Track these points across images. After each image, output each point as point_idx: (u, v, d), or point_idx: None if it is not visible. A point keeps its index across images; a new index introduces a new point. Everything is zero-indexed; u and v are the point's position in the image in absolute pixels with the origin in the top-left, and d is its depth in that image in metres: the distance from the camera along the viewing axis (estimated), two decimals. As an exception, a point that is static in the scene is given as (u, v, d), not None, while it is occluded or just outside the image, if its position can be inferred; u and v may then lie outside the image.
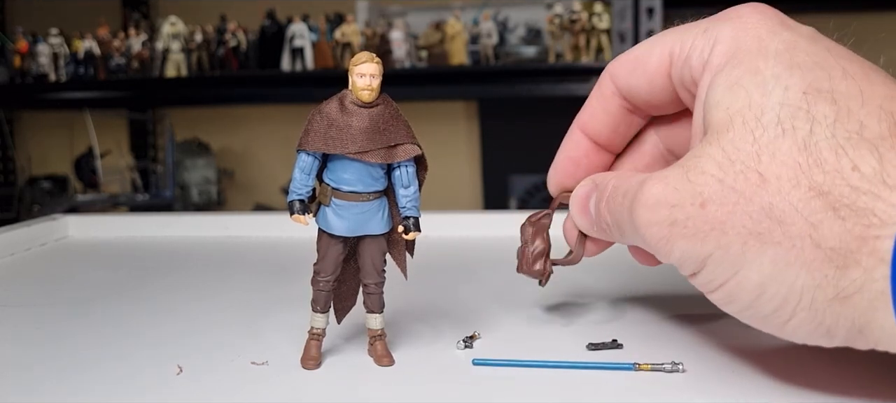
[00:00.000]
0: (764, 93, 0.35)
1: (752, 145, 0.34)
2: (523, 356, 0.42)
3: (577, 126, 0.47)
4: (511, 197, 2.40)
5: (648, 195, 0.37)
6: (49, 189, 2.45)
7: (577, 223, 0.45)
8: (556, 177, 0.48)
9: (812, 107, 0.34)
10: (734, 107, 0.35)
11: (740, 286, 0.35)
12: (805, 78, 0.35)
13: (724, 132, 0.35)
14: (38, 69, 2.34)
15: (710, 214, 0.35)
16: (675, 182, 0.36)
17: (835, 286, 0.32)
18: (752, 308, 0.35)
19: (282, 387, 0.39)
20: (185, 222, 0.88)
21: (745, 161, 0.34)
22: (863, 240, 0.32)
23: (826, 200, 0.32)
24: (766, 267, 0.34)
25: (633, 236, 0.39)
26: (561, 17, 2.07)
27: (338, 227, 0.41)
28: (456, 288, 0.60)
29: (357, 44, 2.14)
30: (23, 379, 0.41)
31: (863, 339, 0.33)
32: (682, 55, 0.40)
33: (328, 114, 0.40)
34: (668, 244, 0.36)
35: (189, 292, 0.61)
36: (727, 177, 0.34)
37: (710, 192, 0.35)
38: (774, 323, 0.35)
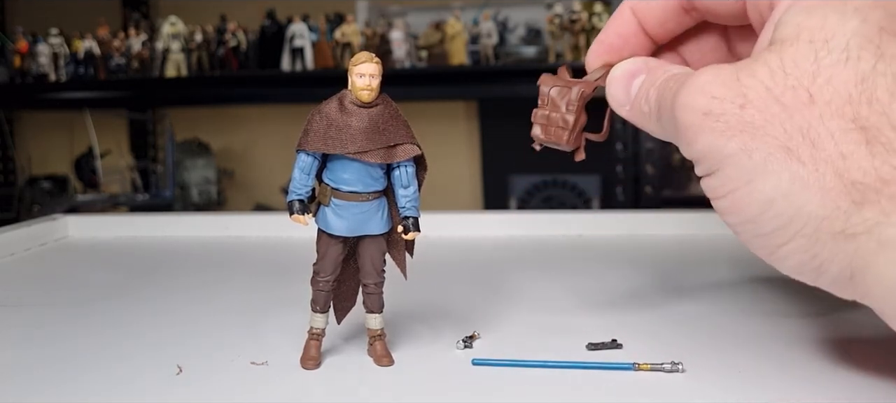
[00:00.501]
0: (841, 18, 0.34)
1: (812, 64, 0.34)
2: (523, 356, 0.42)
3: (629, 6, 0.45)
4: (511, 197, 2.40)
5: (695, 80, 0.36)
6: (49, 189, 2.45)
7: (611, 95, 0.43)
8: (599, 50, 0.46)
9: (884, 44, 0.33)
10: (805, 25, 0.35)
11: (750, 195, 0.34)
12: (887, 15, 0.34)
13: (788, 45, 0.35)
14: (38, 69, 2.34)
15: (747, 116, 0.34)
16: (724, 76, 0.35)
17: (845, 220, 0.32)
18: (754, 222, 0.35)
19: (281, 387, 0.39)
20: (185, 222, 0.88)
21: (800, 77, 0.34)
22: (886, 182, 0.32)
23: (864, 135, 0.32)
24: (783, 183, 0.33)
25: (668, 121, 0.38)
26: (561, 17, 2.07)
27: (337, 227, 0.41)
28: (456, 288, 0.60)
29: (357, 44, 2.14)
30: (23, 379, 0.41)
31: (851, 286, 0.33)
32: None
33: (328, 114, 0.40)
34: (696, 133, 0.36)
35: (189, 292, 0.61)
36: (776, 86, 0.34)
37: (754, 96, 0.34)
38: (769, 245, 0.35)
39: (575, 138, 0.42)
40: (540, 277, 0.59)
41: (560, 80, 0.43)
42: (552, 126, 0.42)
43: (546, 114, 0.42)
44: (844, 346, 0.43)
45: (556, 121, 0.42)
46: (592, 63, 0.46)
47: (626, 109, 0.42)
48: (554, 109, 0.42)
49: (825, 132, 0.33)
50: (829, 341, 0.44)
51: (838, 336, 0.45)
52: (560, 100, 0.42)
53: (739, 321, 0.48)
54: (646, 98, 0.41)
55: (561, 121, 0.42)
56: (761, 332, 0.46)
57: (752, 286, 0.57)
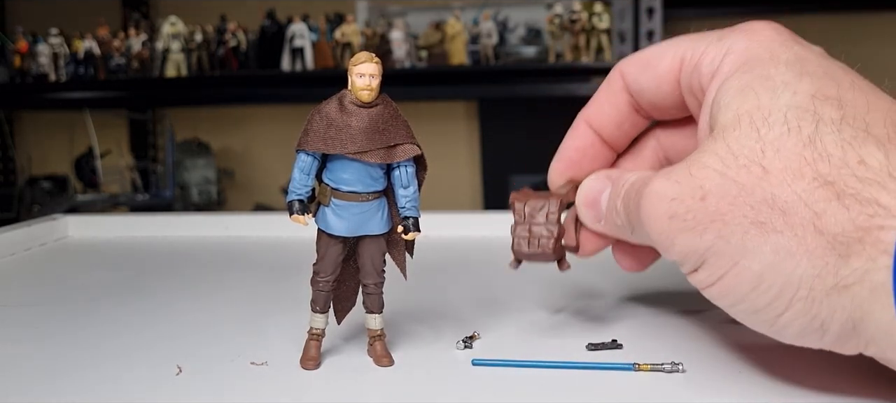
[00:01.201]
0: (773, 96, 0.36)
1: (757, 142, 0.35)
2: (523, 356, 0.42)
3: (582, 118, 0.47)
4: (511, 197, 2.40)
5: (651, 189, 0.37)
6: (49, 189, 2.45)
7: (582, 215, 0.45)
8: (560, 167, 0.47)
9: (819, 110, 0.34)
10: (742, 109, 0.36)
11: (739, 276, 0.35)
12: (814, 84, 0.36)
13: (730, 130, 0.36)
14: (38, 69, 2.34)
15: (710, 206, 0.35)
16: (676, 176, 0.36)
17: (835, 274, 0.32)
18: (747, 300, 0.35)
19: (281, 388, 0.39)
20: (185, 222, 0.88)
21: (749, 155, 0.34)
22: (866, 230, 0.32)
23: (831, 189, 0.33)
24: (766, 256, 0.34)
25: (640, 232, 0.39)
26: (561, 17, 2.07)
27: (337, 227, 0.41)
28: (456, 289, 0.60)
29: (357, 44, 2.14)
30: (23, 379, 0.41)
31: (855, 337, 0.33)
32: (693, 61, 0.41)
33: (327, 114, 0.40)
34: (669, 237, 0.36)
35: (189, 292, 0.61)
36: (729, 170, 0.35)
37: (711, 185, 0.35)
38: (767, 317, 0.35)
39: (560, 247, 0.43)
40: (540, 277, 0.59)
41: (531, 196, 0.44)
42: (535, 238, 0.43)
43: (526, 227, 0.43)
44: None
45: (538, 233, 0.43)
46: (555, 181, 0.47)
47: (601, 226, 0.44)
48: (533, 223, 0.43)
49: (792, 196, 0.33)
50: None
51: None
52: (538, 213, 0.43)
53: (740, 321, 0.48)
54: (616, 211, 0.42)
55: (545, 231, 0.43)
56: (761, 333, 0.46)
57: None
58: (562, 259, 0.44)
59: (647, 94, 0.44)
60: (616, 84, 0.45)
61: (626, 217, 0.41)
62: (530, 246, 0.43)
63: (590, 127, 0.47)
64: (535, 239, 0.43)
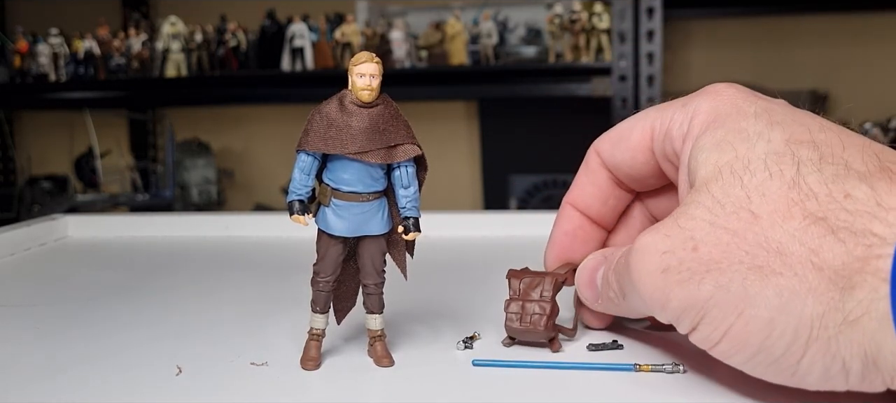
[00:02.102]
0: (749, 146, 0.36)
1: (742, 189, 0.35)
2: (523, 357, 0.42)
3: (567, 202, 0.47)
4: (511, 197, 2.40)
5: (639, 244, 0.37)
6: (49, 189, 2.45)
7: (582, 296, 0.45)
8: (553, 253, 0.48)
9: (796, 153, 0.35)
10: (721, 161, 0.36)
11: (747, 326, 0.33)
12: (786, 131, 0.36)
13: (712, 182, 0.36)
14: (38, 69, 2.34)
15: (703, 255, 0.34)
16: (665, 229, 0.36)
17: (842, 309, 0.32)
18: (763, 350, 0.34)
19: (281, 388, 0.39)
20: (185, 222, 0.88)
21: (736, 203, 0.34)
22: (865, 261, 0.31)
23: (823, 225, 0.32)
24: (772, 299, 0.33)
25: (633, 296, 0.39)
26: (561, 17, 2.07)
27: (337, 228, 0.41)
28: (456, 289, 0.60)
29: (357, 44, 2.14)
30: (22, 379, 0.41)
31: (877, 373, 0.32)
32: (663, 129, 0.41)
33: (328, 114, 0.40)
34: (664, 293, 0.36)
35: (189, 292, 0.61)
36: (718, 218, 0.34)
37: (702, 234, 0.35)
38: (787, 365, 0.34)
39: (552, 326, 0.43)
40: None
41: (527, 274, 0.45)
42: (527, 314, 0.43)
43: (520, 303, 0.44)
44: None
45: (530, 310, 0.43)
46: (550, 267, 0.47)
47: (599, 304, 0.44)
48: (527, 300, 0.44)
49: (786, 237, 0.33)
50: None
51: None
52: (532, 290, 0.44)
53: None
54: (608, 284, 0.42)
55: (537, 308, 0.43)
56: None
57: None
58: (553, 338, 0.44)
59: (624, 168, 0.44)
60: (593, 162, 0.46)
61: (618, 286, 0.40)
62: (522, 322, 0.43)
63: (576, 209, 0.47)
64: (527, 315, 0.43)
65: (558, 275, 0.45)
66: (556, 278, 0.44)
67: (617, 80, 1.99)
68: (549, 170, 2.35)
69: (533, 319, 0.43)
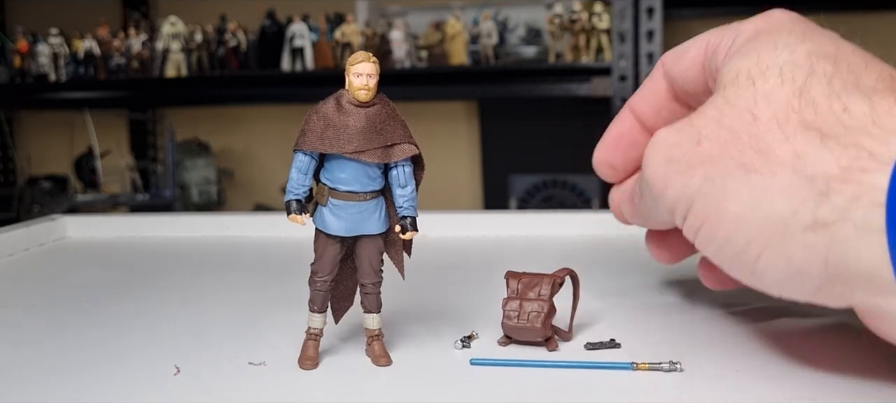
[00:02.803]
0: (773, 52, 0.38)
1: (752, 92, 0.37)
2: (521, 356, 0.42)
3: (627, 106, 0.50)
4: (511, 197, 2.40)
5: (655, 138, 0.40)
6: (49, 189, 2.45)
7: (624, 210, 0.49)
8: (602, 149, 0.50)
9: (814, 65, 0.36)
10: (742, 66, 0.38)
11: (719, 217, 0.36)
12: (813, 45, 0.38)
13: (729, 85, 0.38)
14: (38, 69, 2.34)
15: (703, 150, 0.37)
16: (679, 125, 0.39)
17: (813, 212, 0.33)
18: (729, 242, 0.36)
19: (279, 388, 0.39)
20: (184, 222, 0.88)
21: (743, 104, 0.37)
22: (848, 171, 0.32)
23: (815, 134, 0.34)
24: (745, 195, 0.35)
25: (647, 193, 0.41)
26: (561, 17, 2.07)
27: (335, 227, 0.41)
28: (454, 289, 0.60)
29: (357, 44, 2.14)
30: (22, 379, 0.41)
31: (840, 284, 0.33)
32: (713, 47, 0.43)
33: (325, 113, 0.40)
34: (665, 182, 0.39)
35: (188, 292, 0.61)
36: (724, 117, 0.37)
37: (707, 131, 0.37)
38: (747, 260, 0.36)
39: (549, 325, 0.44)
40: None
41: (525, 276, 0.45)
42: (524, 314, 0.44)
43: (517, 303, 0.44)
44: (844, 345, 0.43)
45: (528, 309, 0.44)
46: (598, 163, 0.51)
47: (636, 217, 0.47)
48: (524, 299, 0.44)
49: (775, 139, 0.35)
50: (828, 340, 0.44)
51: (837, 335, 0.45)
52: (530, 290, 0.44)
53: (738, 320, 0.48)
54: (638, 192, 0.44)
55: (535, 307, 0.43)
56: (760, 331, 0.46)
57: (751, 286, 0.57)
58: (550, 338, 0.44)
59: (679, 81, 0.46)
60: (657, 72, 0.48)
61: (639, 188, 0.43)
62: (519, 320, 0.43)
63: (632, 113, 0.49)
64: (524, 314, 0.44)
65: (556, 276, 0.45)
66: (553, 279, 0.44)
67: (617, 80, 1.99)
68: (549, 170, 2.35)
69: (530, 317, 0.43)
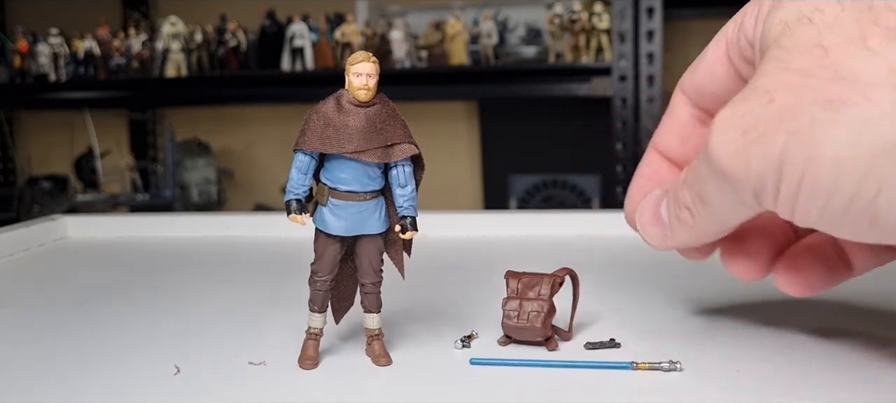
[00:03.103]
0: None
1: (812, 28, 0.32)
2: (521, 355, 0.42)
3: (651, 147, 0.46)
4: (511, 197, 2.40)
5: (717, 118, 0.34)
6: (49, 189, 2.45)
7: (647, 235, 0.42)
8: (633, 197, 0.45)
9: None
10: (789, 13, 0.34)
11: (817, 170, 0.30)
12: None
13: (782, 36, 0.33)
14: (38, 69, 2.34)
15: (777, 105, 0.31)
16: (741, 95, 0.34)
17: None
18: (836, 194, 0.30)
19: (279, 387, 0.39)
20: (185, 222, 0.88)
21: (806, 42, 0.32)
22: None
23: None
24: (841, 134, 0.30)
25: (714, 185, 0.35)
26: (561, 17, 2.07)
27: (335, 227, 0.41)
28: (454, 288, 0.60)
29: (357, 44, 2.14)
30: (22, 379, 0.41)
31: None
32: (736, 30, 0.39)
33: (325, 113, 0.40)
34: (745, 159, 0.33)
35: (188, 292, 0.61)
36: (791, 63, 0.32)
37: (775, 84, 0.32)
38: (861, 210, 0.30)
39: (549, 325, 0.44)
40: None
41: (525, 275, 0.45)
42: (524, 313, 0.44)
43: (517, 302, 0.44)
44: (843, 344, 0.43)
45: (528, 309, 0.44)
46: (628, 211, 0.45)
47: (669, 238, 0.40)
48: (524, 298, 0.44)
49: (859, 61, 0.30)
50: (827, 339, 0.44)
51: (837, 334, 0.45)
52: (530, 290, 0.44)
53: (737, 320, 0.48)
54: (679, 203, 0.38)
55: (535, 306, 0.43)
56: (759, 331, 0.46)
57: (749, 284, 0.57)
58: (550, 338, 0.44)
59: (706, 89, 0.42)
60: (676, 100, 0.44)
61: (694, 192, 0.37)
62: (519, 320, 0.43)
63: (657, 152, 0.45)
64: (524, 314, 0.44)
65: (556, 276, 0.45)
66: (553, 278, 0.44)
67: (617, 80, 1.99)
68: (549, 170, 2.35)
69: (530, 317, 0.43)
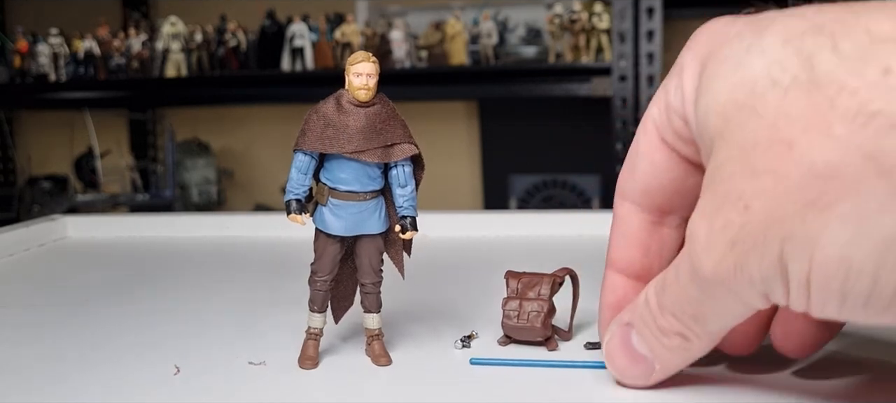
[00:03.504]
0: (743, 69, 0.31)
1: (761, 119, 0.30)
2: (521, 355, 0.42)
3: (609, 269, 0.41)
4: (511, 197, 2.40)
5: (696, 234, 0.32)
6: (49, 189, 2.45)
7: (628, 379, 0.37)
8: (603, 331, 0.40)
9: (801, 47, 0.29)
10: (722, 100, 0.31)
11: (824, 272, 0.29)
12: (777, 30, 0.30)
13: (726, 127, 0.31)
14: (38, 69, 2.34)
15: (757, 213, 0.30)
16: (709, 204, 0.31)
17: None
18: (850, 292, 0.29)
19: (279, 387, 0.39)
20: (185, 222, 0.88)
21: (762, 137, 0.29)
22: None
23: (876, 119, 0.27)
24: (840, 234, 0.28)
25: (712, 304, 0.33)
26: (561, 17, 2.07)
27: (335, 227, 0.41)
28: (454, 288, 0.60)
29: (357, 44, 2.14)
30: (22, 379, 0.41)
31: None
32: (663, 110, 0.36)
33: (325, 113, 0.40)
34: (746, 271, 0.31)
35: (188, 292, 0.61)
36: (754, 163, 0.30)
37: (747, 190, 0.30)
38: (883, 299, 0.28)
39: (549, 324, 0.44)
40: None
41: (525, 275, 0.45)
42: (524, 313, 0.44)
43: (517, 302, 0.44)
44: (842, 344, 0.43)
45: (528, 309, 0.44)
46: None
47: (660, 373, 0.37)
48: (524, 298, 0.44)
49: (833, 154, 0.28)
50: (827, 341, 0.44)
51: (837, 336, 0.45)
52: (530, 290, 0.44)
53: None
54: (664, 332, 0.35)
55: (535, 306, 0.43)
56: None
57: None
58: (550, 338, 0.44)
59: (651, 186, 0.38)
60: (621, 210, 0.40)
61: (688, 312, 0.34)
62: (519, 320, 0.43)
63: (618, 274, 0.41)
64: (524, 314, 0.43)
65: (556, 276, 0.45)
66: (554, 278, 0.44)
67: (617, 80, 1.99)
68: (549, 170, 2.35)
69: (530, 317, 0.43)
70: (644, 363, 0.36)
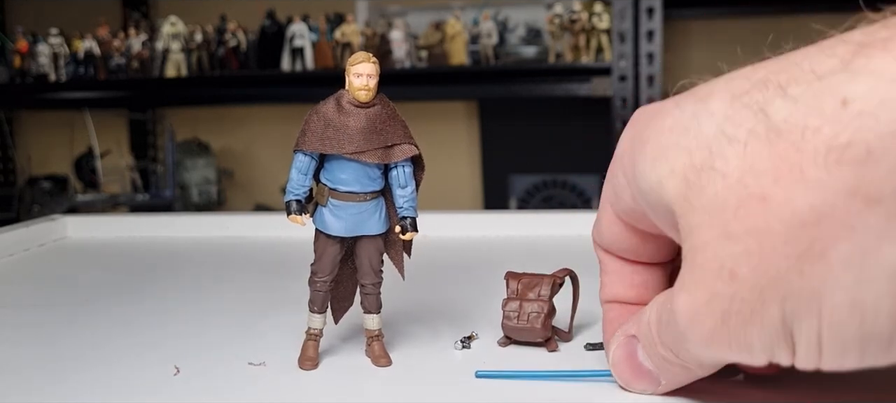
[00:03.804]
0: (693, 133, 0.30)
1: (725, 179, 0.28)
2: (521, 356, 0.42)
3: (604, 301, 0.41)
4: (511, 197, 2.40)
5: (682, 314, 0.31)
6: (49, 189, 2.45)
7: (636, 390, 0.37)
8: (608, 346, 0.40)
9: (749, 99, 0.29)
10: (678, 166, 0.30)
11: (837, 324, 0.27)
12: (722, 92, 0.30)
13: (689, 191, 0.30)
14: (38, 69, 2.34)
15: (745, 277, 0.28)
16: (691, 279, 0.30)
17: None
18: (868, 336, 0.27)
19: (279, 388, 0.39)
20: (184, 222, 0.88)
21: (732, 198, 0.28)
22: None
23: (849, 153, 0.26)
24: (841, 277, 0.26)
25: (711, 365, 0.33)
26: (561, 17, 2.07)
27: (335, 228, 0.41)
28: (454, 289, 0.60)
29: (357, 44, 2.14)
30: (21, 379, 0.41)
31: None
32: (614, 192, 0.37)
33: (325, 114, 0.40)
34: (745, 341, 0.29)
35: (188, 292, 0.61)
36: (729, 226, 0.28)
37: (728, 257, 0.28)
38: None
39: (549, 325, 0.44)
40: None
41: (525, 276, 0.45)
42: (524, 314, 0.43)
43: (517, 303, 0.44)
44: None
45: (528, 309, 0.43)
46: None
47: (664, 386, 0.36)
48: (524, 299, 0.44)
49: (813, 198, 0.27)
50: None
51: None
52: (530, 290, 0.44)
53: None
54: (661, 359, 0.35)
55: (535, 307, 0.43)
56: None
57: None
58: (550, 338, 0.44)
59: (615, 246, 0.39)
60: (599, 254, 0.41)
61: (681, 355, 0.33)
62: (519, 321, 0.43)
63: (611, 303, 0.41)
64: (524, 315, 0.43)
65: (556, 277, 0.45)
66: (554, 279, 0.44)
67: (617, 80, 1.99)
68: (549, 170, 2.35)
69: (530, 318, 0.43)
70: (650, 376, 0.36)
